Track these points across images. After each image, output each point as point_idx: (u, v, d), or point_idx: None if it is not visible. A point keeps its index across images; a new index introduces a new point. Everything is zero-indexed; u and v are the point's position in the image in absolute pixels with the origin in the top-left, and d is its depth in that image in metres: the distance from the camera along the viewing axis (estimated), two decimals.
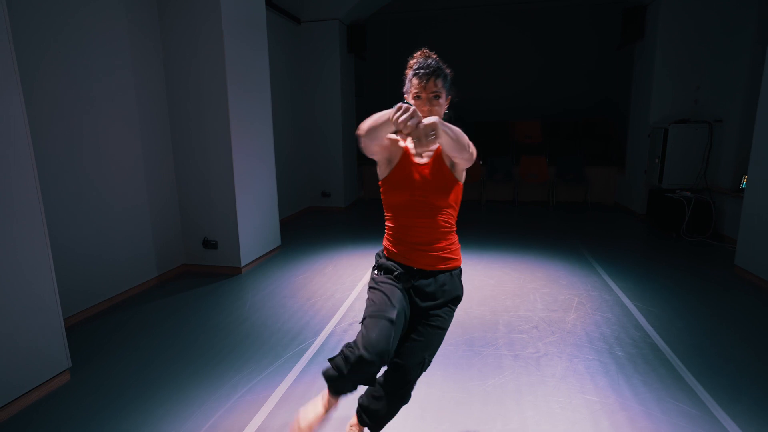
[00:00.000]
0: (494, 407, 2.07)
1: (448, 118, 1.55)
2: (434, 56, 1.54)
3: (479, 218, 6.42)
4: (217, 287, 3.73)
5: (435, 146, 1.43)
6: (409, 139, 1.53)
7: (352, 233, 5.64)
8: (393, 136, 1.55)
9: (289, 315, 3.16)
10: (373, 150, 1.48)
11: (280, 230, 5.08)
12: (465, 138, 1.38)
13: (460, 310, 3.17)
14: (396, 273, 1.52)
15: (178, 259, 4.09)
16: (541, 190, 7.47)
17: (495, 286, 3.63)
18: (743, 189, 4.60)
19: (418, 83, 1.47)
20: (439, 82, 1.48)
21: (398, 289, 1.49)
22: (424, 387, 2.22)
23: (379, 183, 1.59)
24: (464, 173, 1.56)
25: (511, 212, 6.78)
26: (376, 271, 1.60)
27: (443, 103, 1.51)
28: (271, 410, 2.08)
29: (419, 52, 1.57)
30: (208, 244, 4.04)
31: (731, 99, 5.05)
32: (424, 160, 1.51)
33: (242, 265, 4.04)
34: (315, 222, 6.33)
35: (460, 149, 1.36)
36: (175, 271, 4.04)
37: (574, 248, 4.69)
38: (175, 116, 3.91)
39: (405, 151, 1.54)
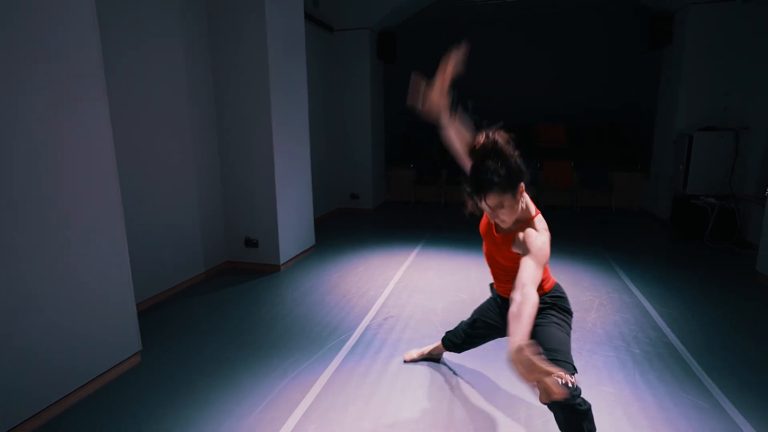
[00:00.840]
0: (519, 397, 2.29)
1: (475, 122, 1.73)
2: (498, 139, 1.47)
3: None
4: (259, 283, 4.05)
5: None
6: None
7: (380, 234, 5.90)
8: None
9: (327, 310, 3.44)
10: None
11: (314, 230, 5.38)
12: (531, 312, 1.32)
13: None
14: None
15: (223, 256, 4.43)
16: (565, 195, 7.58)
17: None
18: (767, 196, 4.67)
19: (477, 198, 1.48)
20: (495, 197, 1.44)
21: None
22: (457, 379, 2.47)
23: None
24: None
25: None
26: None
27: (511, 206, 1.50)
28: (318, 392, 2.36)
29: (481, 138, 1.51)
30: (250, 243, 4.37)
31: (759, 106, 5.10)
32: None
33: (281, 263, 4.36)
34: (345, 222, 6.62)
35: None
36: (220, 267, 4.39)
37: (597, 252, 4.84)
38: (223, 126, 4.25)
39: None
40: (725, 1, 5.49)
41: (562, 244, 5.23)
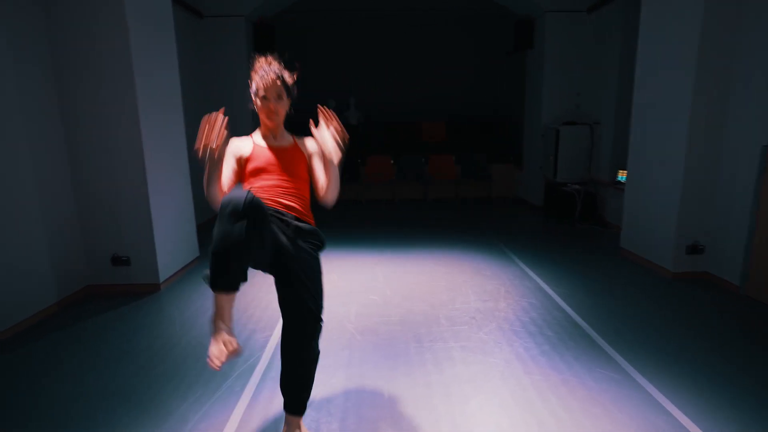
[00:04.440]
0: (456, 396, 2.19)
1: (358, 118, 1.72)
2: (276, 62, 1.79)
3: (394, 215, 6.62)
4: (134, 308, 3.37)
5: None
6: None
7: None
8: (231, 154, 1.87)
9: None
10: (224, 187, 1.70)
11: (198, 238, 4.73)
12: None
13: (402, 308, 3.27)
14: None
15: (82, 280, 3.60)
16: (449, 187, 7.93)
17: (429, 282, 3.80)
18: (619, 181, 5.39)
19: (263, 86, 1.73)
20: (280, 85, 1.74)
21: None
22: (386, 386, 2.27)
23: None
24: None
25: (422, 209, 7.10)
26: None
27: (286, 102, 1.81)
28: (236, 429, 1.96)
29: (263, 59, 1.78)
30: (119, 261, 3.63)
31: (606, 103, 5.86)
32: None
33: (161, 280, 3.70)
34: None
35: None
36: (79, 294, 3.56)
37: (489, 240, 5.08)
38: (69, 119, 3.43)
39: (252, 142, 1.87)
40: (575, 12, 6.21)
41: (455, 233, 5.40)
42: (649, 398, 2.17)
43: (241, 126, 6.49)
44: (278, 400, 2.18)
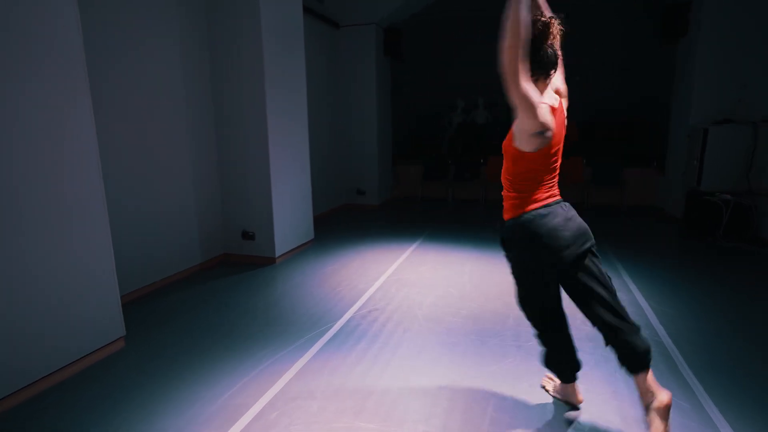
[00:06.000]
0: (490, 391, 2.24)
1: (486, 118, 1.77)
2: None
3: None
4: (253, 275, 4.08)
5: None
6: None
7: (381, 229, 5.88)
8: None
9: (314, 302, 3.44)
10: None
11: (316, 225, 5.41)
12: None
13: (474, 303, 3.33)
14: None
15: (219, 248, 4.49)
16: (576, 192, 7.38)
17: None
18: None
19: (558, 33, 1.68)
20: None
21: None
22: (430, 369, 2.43)
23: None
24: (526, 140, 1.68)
25: None
26: None
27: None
28: (289, 380, 2.35)
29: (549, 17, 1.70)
30: (247, 236, 4.41)
31: None
32: None
33: (276, 255, 4.39)
34: (348, 218, 6.62)
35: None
36: (217, 260, 4.45)
37: (600, 250, 4.68)
38: (219, 116, 4.30)
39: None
40: None
41: None
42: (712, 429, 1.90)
43: (366, 124, 7.13)
44: (334, 360, 2.52)
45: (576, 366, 2.02)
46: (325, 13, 6.48)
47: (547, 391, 2.20)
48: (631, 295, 3.42)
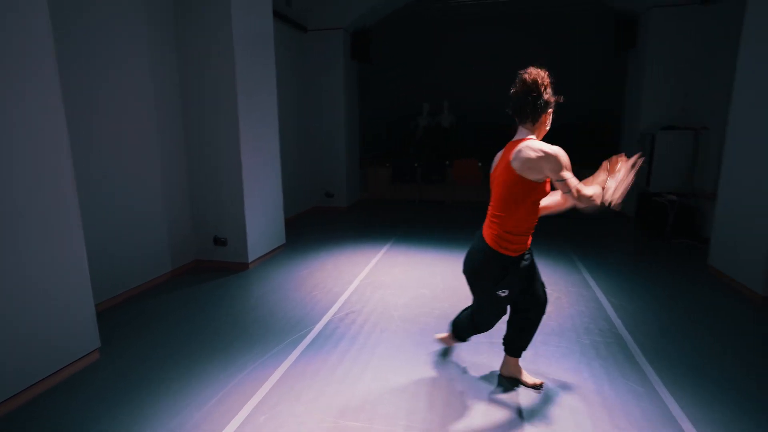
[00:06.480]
0: (467, 385, 2.38)
1: (450, 121, 1.96)
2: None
3: (478, 218, 6.69)
4: (227, 281, 4.07)
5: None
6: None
7: (352, 232, 5.96)
8: None
9: (291, 306, 3.48)
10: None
11: (287, 229, 5.41)
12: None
13: (446, 303, 3.48)
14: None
15: (191, 255, 4.44)
16: None
17: None
18: None
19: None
20: None
21: None
22: (408, 367, 2.54)
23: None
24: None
25: None
26: None
27: None
28: (273, 384, 2.41)
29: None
30: (219, 242, 4.39)
31: (718, 107, 5.28)
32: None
33: (249, 261, 4.38)
34: (318, 221, 6.66)
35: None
36: (188, 267, 4.39)
37: (561, 249, 4.96)
38: (189, 121, 4.25)
39: None
40: (687, 4, 5.68)
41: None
42: (666, 414, 2.12)
43: (334, 128, 7.18)
44: (315, 363, 2.59)
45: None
46: (293, 16, 6.49)
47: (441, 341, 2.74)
48: (592, 292, 3.67)
